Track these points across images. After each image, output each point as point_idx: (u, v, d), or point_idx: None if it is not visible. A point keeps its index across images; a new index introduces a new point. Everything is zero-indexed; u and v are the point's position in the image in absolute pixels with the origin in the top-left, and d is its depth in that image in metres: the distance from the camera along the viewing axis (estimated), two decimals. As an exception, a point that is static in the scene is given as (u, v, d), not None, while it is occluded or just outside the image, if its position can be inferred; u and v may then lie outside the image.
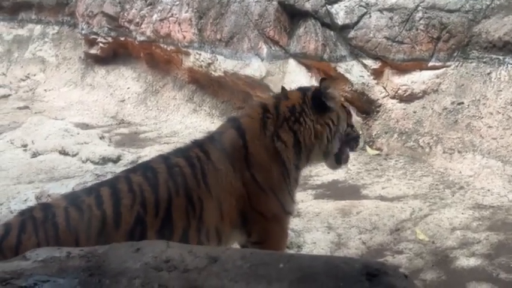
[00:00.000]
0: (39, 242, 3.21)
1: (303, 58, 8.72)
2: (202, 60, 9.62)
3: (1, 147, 8.69)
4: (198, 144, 3.90)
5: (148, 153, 8.20)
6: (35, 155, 8.25)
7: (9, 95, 11.74)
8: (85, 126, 9.68)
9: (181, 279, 2.01)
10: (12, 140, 8.77)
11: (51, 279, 1.96)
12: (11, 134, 9.04)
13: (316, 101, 4.09)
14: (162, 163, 3.72)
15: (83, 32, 11.50)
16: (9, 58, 12.58)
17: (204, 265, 2.06)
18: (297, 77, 8.69)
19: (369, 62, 8.20)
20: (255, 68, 8.94)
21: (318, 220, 6.26)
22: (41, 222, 3.30)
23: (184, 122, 9.61)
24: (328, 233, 6.00)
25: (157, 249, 2.14)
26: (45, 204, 3.74)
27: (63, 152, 8.19)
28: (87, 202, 3.41)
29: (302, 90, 4.29)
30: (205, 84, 9.91)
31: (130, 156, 8.13)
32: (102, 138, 8.71)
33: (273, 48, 8.91)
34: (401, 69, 8.01)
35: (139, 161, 6.96)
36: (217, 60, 9.44)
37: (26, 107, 10.99)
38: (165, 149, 8.30)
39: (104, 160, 7.89)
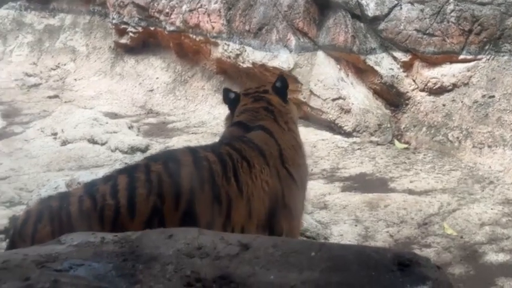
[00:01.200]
0: (54, 230, 3.23)
1: (332, 50, 8.69)
2: (230, 51, 9.63)
3: (31, 135, 8.80)
4: (226, 143, 3.91)
5: (176, 143, 8.25)
6: (64, 143, 8.34)
7: (40, 84, 11.85)
8: (114, 115, 9.74)
9: (213, 266, 2.02)
10: (43, 128, 8.87)
11: (86, 263, 1.99)
12: (41, 123, 9.15)
13: (284, 93, 4.38)
14: (189, 155, 3.65)
15: (114, 21, 11.57)
16: (40, 47, 12.70)
17: (235, 252, 2.07)
18: (325, 69, 8.67)
19: (399, 54, 8.15)
20: (283, 59, 8.92)
21: (345, 213, 6.26)
22: (56, 212, 3.32)
23: (212, 112, 9.63)
24: (356, 225, 5.99)
25: (190, 236, 2.15)
26: (65, 192, 3.77)
27: (92, 141, 8.27)
28: (102, 191, 3.38)
29: (264, 89, 4.48)
30: (233, 75, 9.92)
31: (158, 146, 8.18)
32: (130, 127, 8.78)
33: (302, 40, 8.89)
34: (432, 62, 7.95)
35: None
36: (245, 51, 9.44)
37: (56, 96, 11.08)
38: (193, 139, 8.36)
39: (133, 149, 7.95)
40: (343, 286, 1.93)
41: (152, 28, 11.04)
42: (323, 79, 8.61)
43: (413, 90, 8.14)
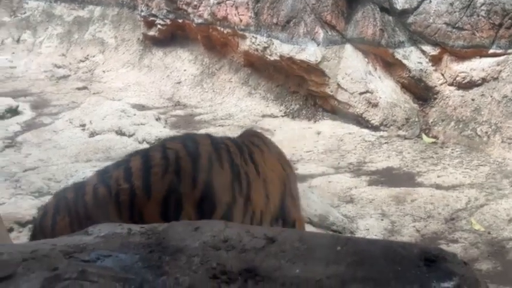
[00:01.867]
0: (72, 220, 3.26)
1: (360, 43, 8.64)
2: (258, 44, 9.63)
3: (60, 126, 8.89)
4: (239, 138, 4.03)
5: (203, 135, 8.26)
6: (92, 134, 8.42)
7: (69, 76, 11.95)
8: (141, 107, 9.80)
9: (238, 259, 2.02)
10: (71, 120, 8.96)
11: (113, 254, 2.00)
12: (70, 114, 9.24)
13: None
14: (207, 138, 3.63)
15: (142, 14, 11.62)
16: (69, 39, 12.80)
17: (261, 245, 2.07)
18: (353, 63, 8.63)
19: (428, 48, 8.08)
20: (310, 52, 8.89)
21: (371, 207, 6.23)
22: (72, 202, 3.34)
23: (239, 105, 9.64)
24: (382, 220, 5.97)
25: (216, 228, 2.16)
26: (80, 182, 3.77)
27: (120, 132, 8.34)
28: (116, 176, 3.34)
29: None
30: (260, 68, 9.92)
31: (185, 138, 8.20)
32: (158, 119, 8.83)
33: (330, 33, 8.85)
34: (461, 56, 7.87)
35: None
36: (273, 44, 9.43)
37: (85, 88, 11.18)
38: (220, 131, 8.38)
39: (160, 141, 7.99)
40: (368, 281, 1.92)
41: (180, 20, 11.07)
42: (351, 72, 8.57)
43: (441, 84, 8.07)
